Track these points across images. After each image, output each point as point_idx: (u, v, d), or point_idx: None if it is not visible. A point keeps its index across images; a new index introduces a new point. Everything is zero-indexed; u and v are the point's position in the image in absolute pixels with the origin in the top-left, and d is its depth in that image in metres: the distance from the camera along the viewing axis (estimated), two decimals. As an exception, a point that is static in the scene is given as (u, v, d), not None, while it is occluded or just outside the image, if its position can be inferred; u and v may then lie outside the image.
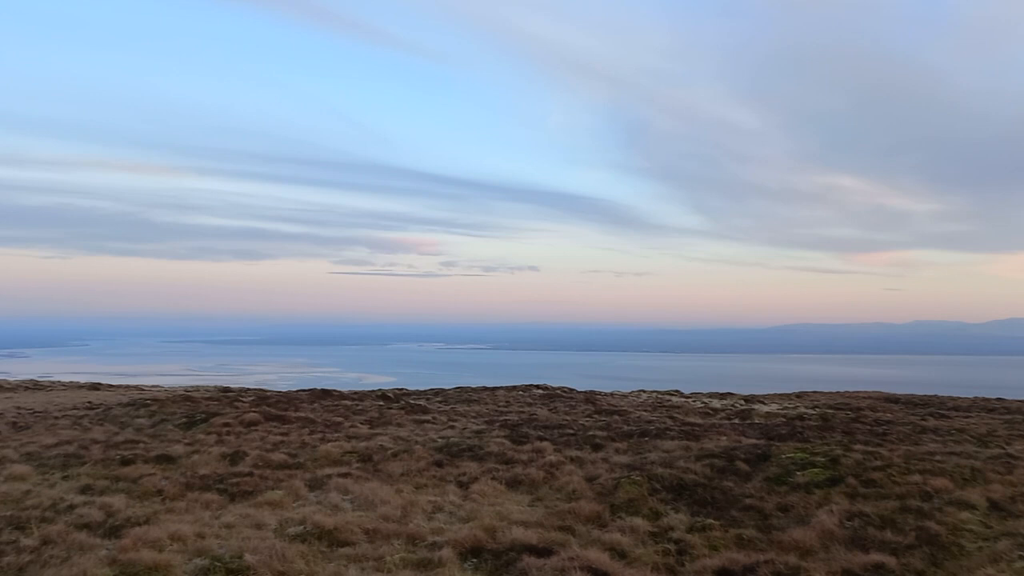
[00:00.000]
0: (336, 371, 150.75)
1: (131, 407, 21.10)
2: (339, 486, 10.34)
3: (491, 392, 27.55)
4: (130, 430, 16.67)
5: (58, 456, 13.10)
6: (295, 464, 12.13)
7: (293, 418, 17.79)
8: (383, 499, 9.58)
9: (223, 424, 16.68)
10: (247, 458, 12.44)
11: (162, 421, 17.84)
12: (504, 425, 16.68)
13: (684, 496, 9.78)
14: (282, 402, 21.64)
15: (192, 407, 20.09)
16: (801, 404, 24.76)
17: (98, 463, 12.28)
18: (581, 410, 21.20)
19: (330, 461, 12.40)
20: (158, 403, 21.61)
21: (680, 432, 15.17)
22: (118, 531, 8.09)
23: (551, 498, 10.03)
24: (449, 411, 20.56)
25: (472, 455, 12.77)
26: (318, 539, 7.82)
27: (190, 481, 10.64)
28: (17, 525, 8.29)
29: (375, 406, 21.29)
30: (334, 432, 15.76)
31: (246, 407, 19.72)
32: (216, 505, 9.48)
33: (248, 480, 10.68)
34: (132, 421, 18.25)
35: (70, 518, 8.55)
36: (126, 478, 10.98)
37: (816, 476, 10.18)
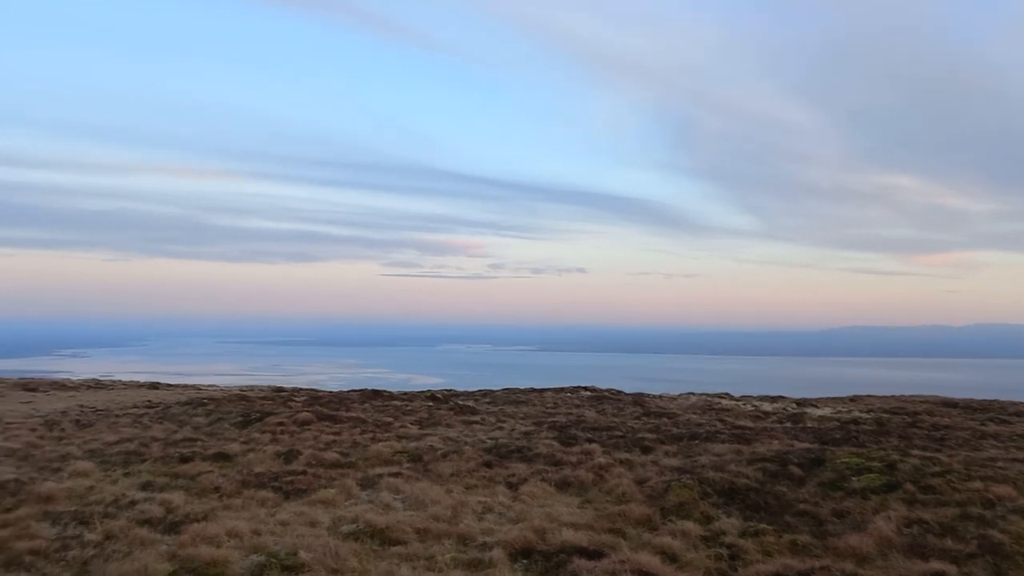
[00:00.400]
0: (385, 372, 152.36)
1: (189, 406, 21.63)
2: (390, 485, 10.46)
3: (539, 394, 27.55)
4: (188, 428, 17.09)
5: (120, 453, 13.50)
6: (347, 463, 12.31)
7: (345, 418, 18.04)
8: (433, 499, 9.67)
9: (277, 423, 16.99)
10: (301, 457, 12.67)
11: (219, 420, 18.25)
12: (552, 427, 16.68)
13: (736, 500, 9.66)
14: (334, 402, 21.96)
15: (247, 406, 20.51)
16: (855, 408, 24.25)
17: (158, 460, 12.62)
18: (629, 412, 21.08)
19: (381, 461, 12.55)
20: (215, 402, 22.12)
21: (731, 435, 14.99)
22: (177, 527, 8.31)
23: (601, 500, 10.00)
24: (497, 412, 20.63)
25: (521, 456, 12.80)
26: (370, 537, 7.93)
27: (246, 479, 10.87)
28: (81, 520, 8.57)
29: (424, 407, 21.47)
30: (384, 432, 15.95)
31: (299, 407, 20.06)
32: (271, 503, 9.67)
33: (302, 478, 10.87)
34: (190, 419, 18.71)
35: (132, 514, 8.80)
36: (185, 475, 11.27)
37: (872, 482, 9.97)
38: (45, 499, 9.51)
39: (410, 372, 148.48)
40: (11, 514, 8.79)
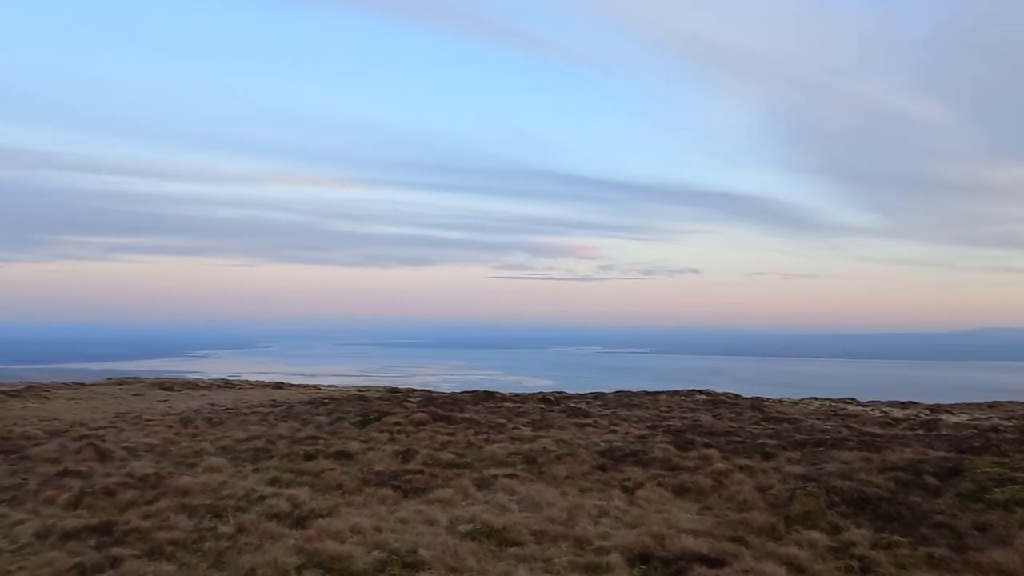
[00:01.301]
0: (496, 373, 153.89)
1: (311, 405, 22.48)
2: (505, 487, 10.51)
3: (652, 397, 27.14)
4: (311, 427, 17.74)
5: (248, 450, 14.15)
6: (462, 463, 12.46)
7: (459, 419, 18.29)
8: (548, 501, 9.65)
9: (394, 423, 17.41)
10: (417, 456, 12.92)
11: (339, 419, 18.87)
12: (667, 431, 16.37)
13: (866, 510, 9.18)
14: (448, 403, 22.32)
15: (365, 406, 21.12)
16: (994, 415, 22.70)
17: (284, 457, 13.16)
18: (748, 417, 20.46)
19: (495, 462, 12.63)
20: (335, 402, 22.90)
21: (858, 442, 14.29)
22: (304, 522, 8.61)
23: (720, 507, 9.72)
24: (610, 415, 20.43)
25: (636, 460, 12.62)
26: (487, 538, 7.98)
27: (367, 477, 11.17)
28: (215, 513, 9.01)
29: (536, 409, 21.52)
30: (498, 433, 16.07)
31: (414, 407, 20.49)
32: (391, 501, 9.90)
33: (419, 477, 11.08)
34: (312, 418, 19.43)
35: (261, 508, 9.19)
36: (309, 472, 11.69)
37: (1017, 493, 9.27)
38: (182, 492, 10.06)
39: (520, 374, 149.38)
40: (152, 506, 9.35)
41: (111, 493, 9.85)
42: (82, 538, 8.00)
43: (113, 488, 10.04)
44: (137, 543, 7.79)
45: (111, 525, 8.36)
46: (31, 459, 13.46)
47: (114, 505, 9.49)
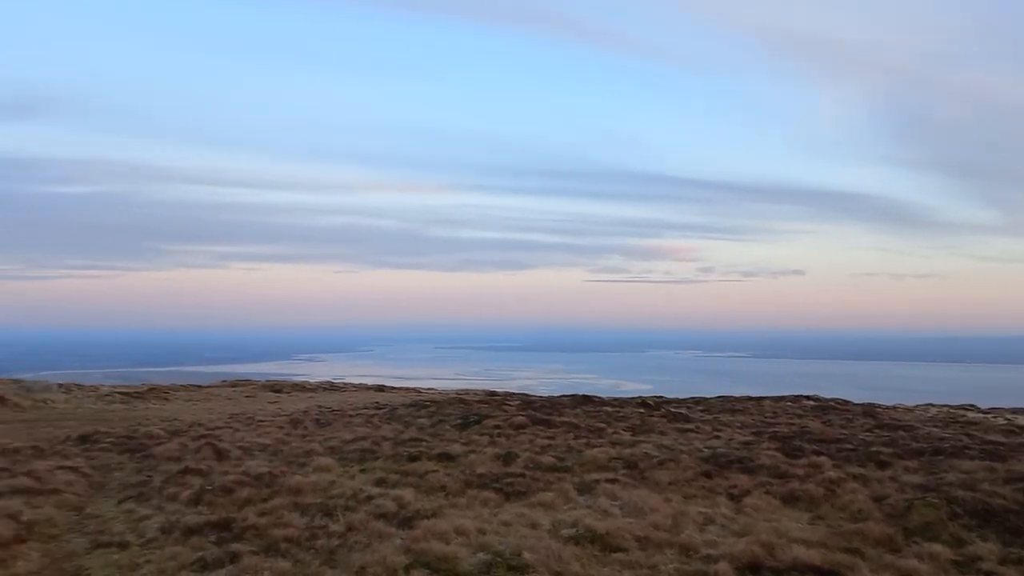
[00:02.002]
0: (593, 377, 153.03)
1: (413, 408, 22.92)
2: (607, 491, 10.44)
3: (756, 402, 26.41)
4: (413, 429, 18.09)
5: (355, 451, 14.55)
6: (563, 467, 12.44)
7: (558, 423, 18.28)
8: (652, 507, 9.52)
9: (494, 426, 17.56)
10: (518, 459, 12.98)
11: (440, 422, 19.17)
12: (774, 437, 15.90)
13: (992, 523, 8.67)
14: (546, 407, 22.34)
15: (465, 409, 21.38)
16: None
17: (389, 458, 13.47)
18: (859, 424, 19.64)
19: (596, 466, 12.56)
20: (436, 405, 23.27)
21: (980, 451, 13.52)
22: (409, 522, 8.78)
23: (833, 517, 9.37)
24: (712, 420, 20.01)
25: (741, 467, 12.31)
26: (591, 542, 7.94)
27: (469, 479, 11.31)
28: (326, 512, 9.30)
29: (636, 413, 21.28)
30: (598, 438, 15.97)
31: (514, 411, 20.61)
32: (493, 503, 9.99)
33: (521, 481, 11.13)
34: (414, 421, 19.81)
35: (369, 508, 9.42)
36: (413, 473, 11.93)
37: None
38: (295, 491, 10.43)
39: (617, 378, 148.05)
40: (267, 504, 9.73)
41: (229, 491, 10.31)
42: (203, 534, 8.40)
43: (231, 486, 10.51)
44: (254, 539, 8.12)
45: (230, 521, 8.75)
46: (155, 457, 14.25)
47: (232, 502, 9.93)
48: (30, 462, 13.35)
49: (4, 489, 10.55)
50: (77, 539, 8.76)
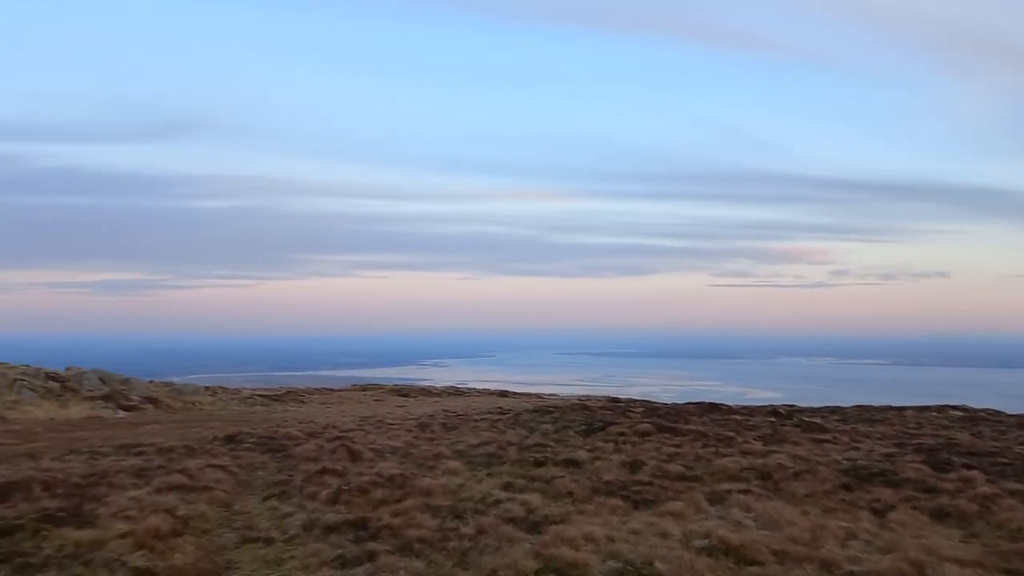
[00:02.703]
0: (718, 384, 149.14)
1: (536, 413, 23.06)
2: (740, 502, 10.14)
3: (898, 412, 25.02)
4: (537, 434, 18.17)
5: (482, 455, 14.76)
6: (692, 476, 12.18)
7: (684, 431, 17.93)
8: (788, 520, 9.17)
9: (618, 433, 17.41)
10: (645, 467, 12.81)
11: (564, 427, 19.19)
12: (918, 449, 15.01)
13: None
14: (671, 414, 21.97)
15: (589, 415, 21.32)
16: None
17: (515, 463, 13.59)
18: (1014, 436, 18.26)
19: (727, 476, 12.23)
20: (559, 411, 23.32)
21: None
22: (538, 527, 8.82)
23: (989, 535, 8.74)
24: (850, 431, 19.09)
25: (884, 480, 11.67)
26: (724, 555, 7.72)
27: (595, 486, 11.25)
28: (456, 514, 9.47)
29: (767, 422, 20.61)
30: (727, 447, 15.56)
31: (638, 418, 20.38)
32: (621, 511, 9.88)
33: (648, 489, 10.98)
34: (538, 426, 19.91)
35: (497, 512, 9.53)
36: (539, 478, 11.98)
37: None
38: (425, 493, 10.68)
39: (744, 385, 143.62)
40: (400, 505, 10.00)
41: (364, 491, 10.68)
42: (342, 532, 8.72)
43: (365, 487, 10.88)
44: (389, 539, 8.36)
45: (366, 521, 9.05)
46: (294, 457, 14.93)
47: (367, 502, 10.27)
48: (183, 460, 14.28)
49: (162, 485, 11.32)
50: (227, 534, 9.27)
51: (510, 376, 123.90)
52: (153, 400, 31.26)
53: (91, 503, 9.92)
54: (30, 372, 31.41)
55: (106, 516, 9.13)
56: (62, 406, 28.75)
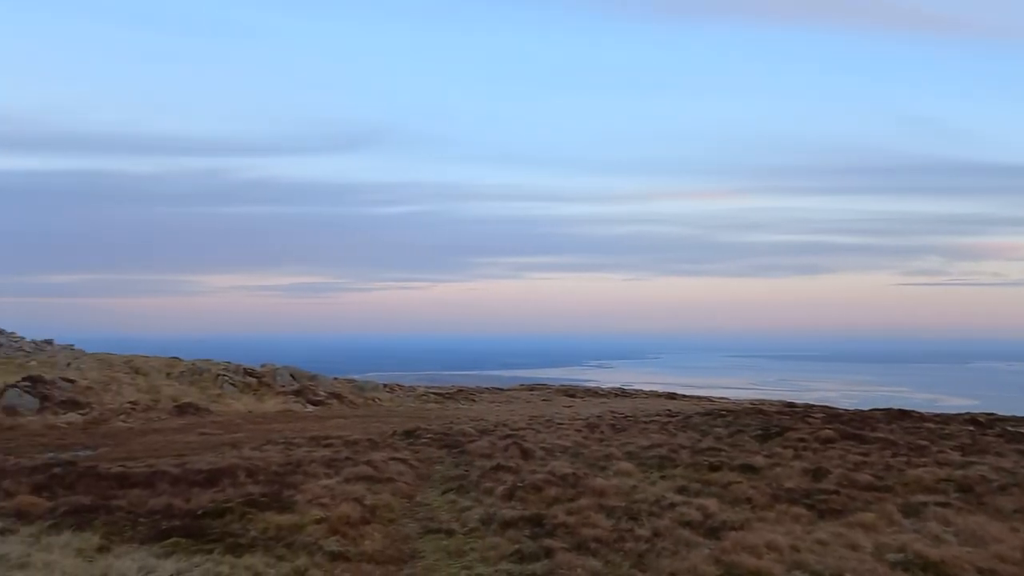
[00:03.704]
0: (905, 390, 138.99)
1: (708, 416, 22.50)
2: (938, 515, 9.42)
3: (1122, 423, 22.29)
4: (710, 438, 17.72)
5: (653, 457, 14.59)
6: (883, 487, 11.44)
7: (871, 438, 16.88)
8: (994, 536, 8.41)
9: (798, 439, 16.66)
10: (830, 476, 12.17)
11: (738, 432, 18.59)
12: None
13: None
14: (856, 421, 20.76)
15: (765, 420, 20.54)
16: None
17: (688, 467, 13.33)
18: None
19: (922, 487, 11.39)
20: (732, 414, 22.63)
21: None
22: (716, 532, 8.61)
23: None
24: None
25: (1110, 499, 10.44)
26: (922, 570, 7.23)
27: (776, 493, 10.83)
28: (630, 516, 9.42)
29: (964, 431, 18.99)
30: (919, 456, 14.48)
31: (818, 423, 19.41)
32: (805, 520, 9.45)
33: (835, 498, 10.43)
34: (711, 430, 19.41)
35: (673, 515, 9.39)
36: (715, 483, 11.68)
37: None
38: (598, 493, 10.70)
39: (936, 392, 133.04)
40: (573, 503, 10.08)
41: (538, 489, 10.85)
42: (518, 527, 8.91)
43: (539, 484, 11.05)
44: (565, 536, 8.44)
45: (541, 518, 9.20)
46: (469, 453, 15.42)
47: (541, 500, 10.43)
48: (368, 453, 15.12)
49: (350, 476, 12.05)
50: (410, 524, 9.74)
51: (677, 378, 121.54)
52: (337, 396, 33.28)
53: (288, 490, 10.72)
54: (231, 368, 34.33)
55: (302, 502, 9.83)
56: (258, 400, 31.21)
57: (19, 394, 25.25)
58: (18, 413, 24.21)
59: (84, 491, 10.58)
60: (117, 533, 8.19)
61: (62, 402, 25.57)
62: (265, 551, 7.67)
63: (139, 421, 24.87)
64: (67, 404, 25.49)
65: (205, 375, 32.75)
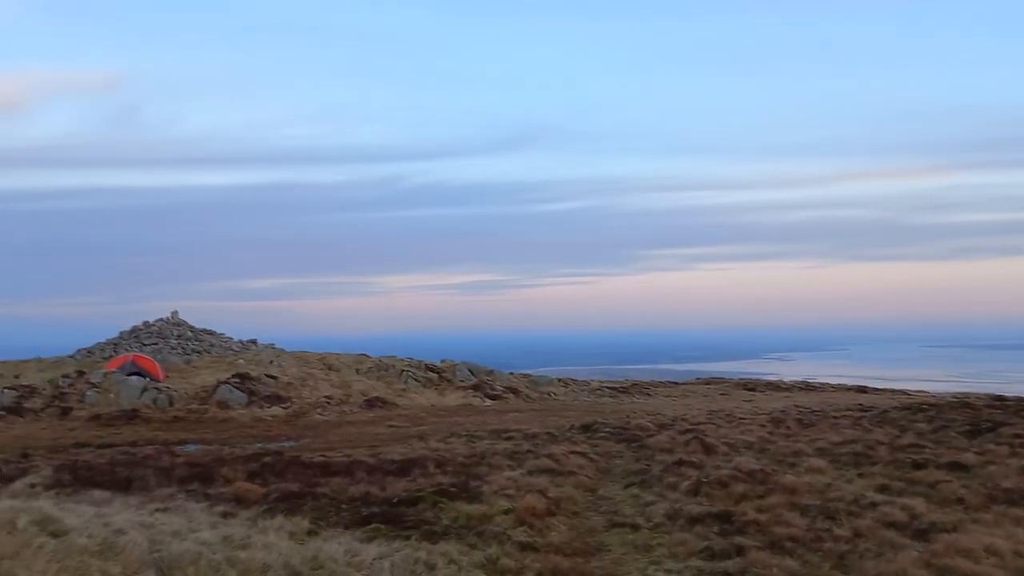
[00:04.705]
0: None
1: (907, 411, 20.97)
2: None
3: None
4: (911, 434, 16.48)
5: (847, 454, 13.77)
6: (1122, 490, 10.18)
7: (1103, 435, 15.07)
8: None
9: (1014, 435, 15.15)
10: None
11: (942, 427, 17.19)
12: None
13: None
14: (1082, 415, 18.60)
15: (973, 415, 18.88)
16: None
17: (888, 464, 12.47)
18: None
19: None
20: (934, 408, 20.97)
21: None
22: (924, 534, 8.00)
23: None
24: None
25: None
26: None
27: (991, 493, 9.91)
28: (827, 515, 8.94)
29: None
30: None
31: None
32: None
33: (1064, 501, 9.40)
34: (911, 425, 18.07)
35: (874, 515, 8.82)
36: (920, 482, 10.85)
37: None
38: (790, 490, 10.23)
39: None
40: (763, 501, 9.70)
41: (724, 484, 10.54)
42: (706, 524, 8.69)
43: (725, 480, 10.73)
44: (756, 535, 8.14)
45: (729, 515, 8.93)
46: (648, 448, 15.25)
47: (728, 496, 10.12)
48: (548, 446, 15.33)
49: (532, 468, 12.26)
50: (594, 517, 9.75)
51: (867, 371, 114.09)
52: (513, 390, 33.99)
53: (475, 480, 11.07)
54: (413, 364, 35.95)
55: (489, 493, 10.11)
56: (440, 394, 32.48)
57: (230, 390, 27.73)
58: (229, 407, 26.60)
59: (292, 479, 11.44)
60: (323, 518, 8.78)
61: (266, 397, 27.82)
62: (458, 539, 7.94)
63: (333, 414, 26.59)
64: (271, 399, 27.71)
65: (390, 371, 34.49)
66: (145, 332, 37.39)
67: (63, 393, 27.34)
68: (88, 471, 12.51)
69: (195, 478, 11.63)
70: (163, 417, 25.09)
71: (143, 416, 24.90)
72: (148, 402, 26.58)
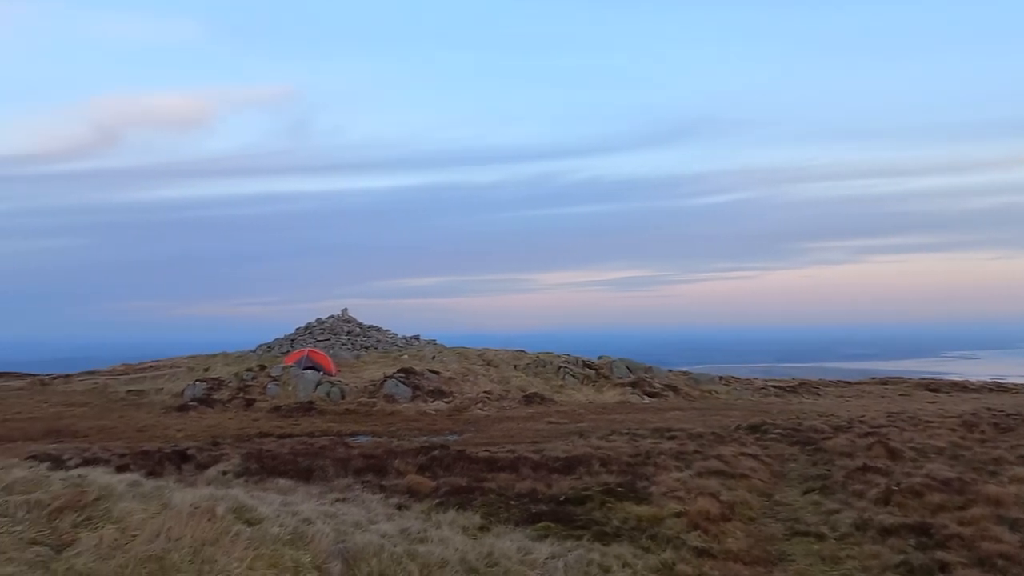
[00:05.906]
0: None
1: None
2: None
3: None
4: None
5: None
6: None
7: None
8: None
9: None
10: None
11: None
12: None
13: None
14: None
15: None
16: None
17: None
18: None
19: None
20: None
21: None
22: None
23: None
24: None
25: None
26: None
27: None
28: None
29: None
30: None
31: None
32: None
33: None
34: None
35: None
36: None
37: None
38: (994, 502, 9.30)
39: None
40: (964, 512, 8.85)
41: (918, 494, 9.71)
42: (900, 536, 8.01)
43: (918, 489, 9.89)
44: (960, 550, 7.42)
45: (927, 527, 8.19)
46: (825, 451, 14.37)
47: (922, 506, 9.32)
48: (715, 447, 14.77)
49: (701, 470, 11.81)
50: (772, 524, 9.24)
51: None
52: (673, 388, 33.23)
53: (641, 481, 10.79)
54: (570, 360, 35.93)
55: (657, 494, 9.81)
56: (597, 391, 32.27)
57: (396, 384, 28.79)
58: (396, 401, 27.61)
59: (460, 473, 11.63)
60: (493, 514, 8.81)
61: (430, 391, 28.66)
62: (630, 542, 7.73)
63: (493, 409, 27.01)
64: (434, 393, 28.52)
65: (547, 367, 34.65)
66: (318, 329, 39.58)
67: (247, 386, 29.35)
68: (273, 460, 13.27)
69: (369, 469, 12.06)
70: (336, 409, 26.38)
71: (318, 408, 26.29)
72: (322, 395, 28.05)
